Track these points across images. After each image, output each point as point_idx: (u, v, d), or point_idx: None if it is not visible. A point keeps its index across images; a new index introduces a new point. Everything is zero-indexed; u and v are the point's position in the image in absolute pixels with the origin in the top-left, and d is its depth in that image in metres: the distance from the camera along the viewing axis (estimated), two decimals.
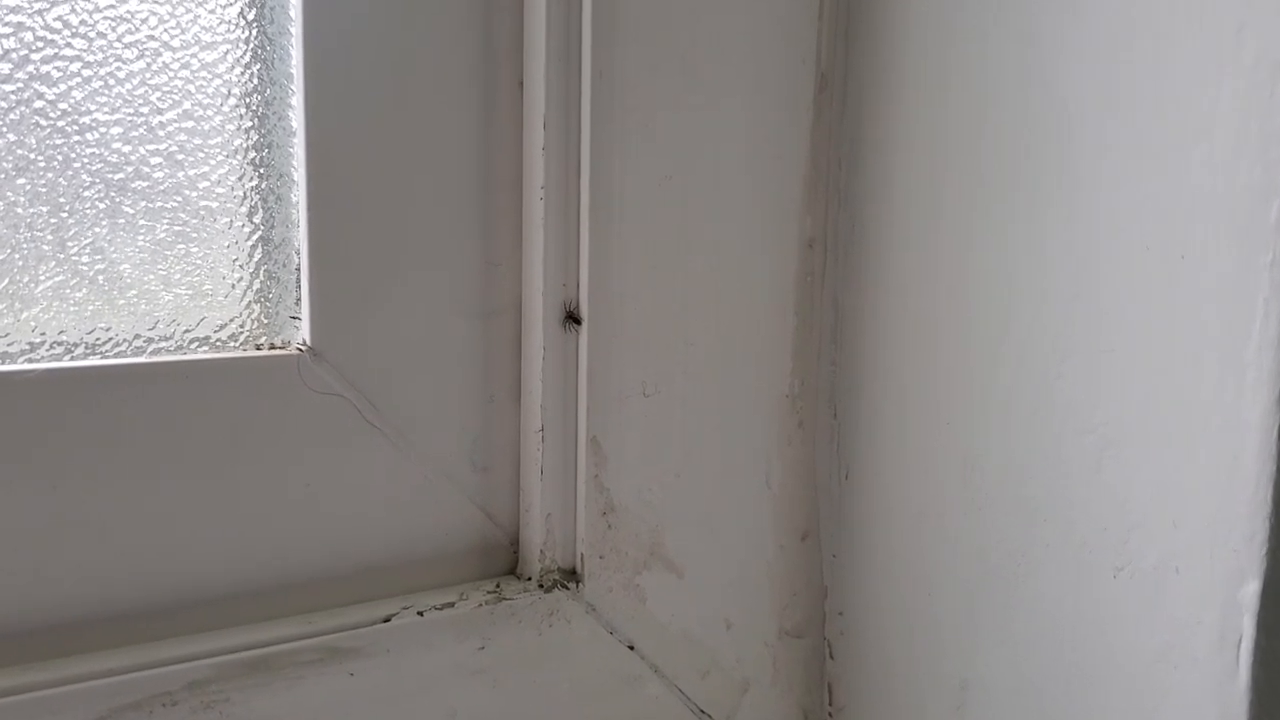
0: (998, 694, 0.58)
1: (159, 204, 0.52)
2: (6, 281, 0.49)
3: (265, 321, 0.55)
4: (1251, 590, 0.46)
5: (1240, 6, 0.46)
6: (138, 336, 0.52)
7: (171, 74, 0.51)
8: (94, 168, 0.50)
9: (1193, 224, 0.48)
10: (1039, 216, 0.54)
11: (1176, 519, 0.49)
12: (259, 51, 0.53)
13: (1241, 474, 0.46)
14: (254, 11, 0.53)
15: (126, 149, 0.51)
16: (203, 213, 0.53)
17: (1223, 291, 0.47)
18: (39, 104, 0.49)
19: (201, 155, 0.53)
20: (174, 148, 0.52)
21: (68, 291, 0.50)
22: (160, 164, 0.52)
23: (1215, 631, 0.48)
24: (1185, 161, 0.48)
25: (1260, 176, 0.45)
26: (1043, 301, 0.54)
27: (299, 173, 0.54)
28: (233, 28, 0.53)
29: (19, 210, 0.49)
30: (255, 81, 0.53)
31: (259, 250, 0.55)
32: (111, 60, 0.50)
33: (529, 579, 0.61)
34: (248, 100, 0.53)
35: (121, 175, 0.51)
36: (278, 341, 0.55)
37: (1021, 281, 0.55)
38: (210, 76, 0.52)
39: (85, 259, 0.50)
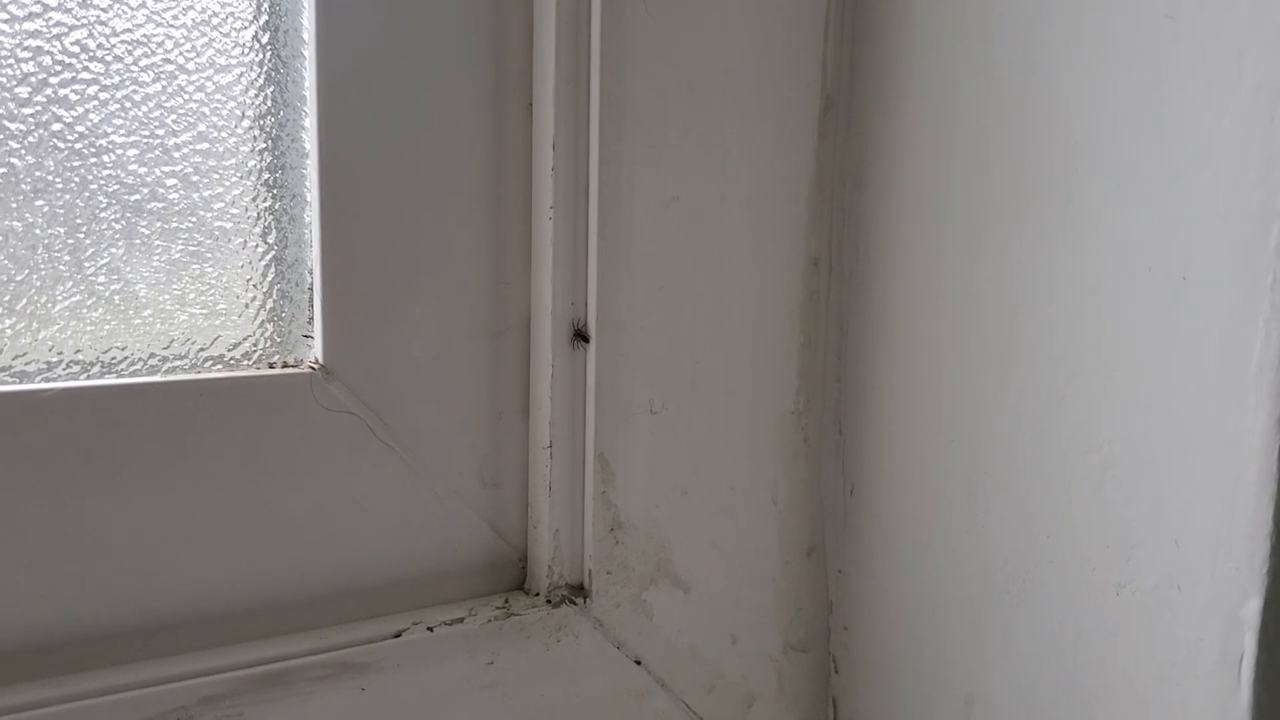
0: (1002, 709, 0.58)
1: (174, 225, 0.53)
2: (24, 301, 0.49)
3: (278, 340, 0.56)
4: (1253, 608, 0.47)
5: (1241, 33, 0.46)
6: (153, 355, 0.53)
7: (187, 97, 0.52)
8: (110, 189, 0.51)
9: (1194, 246, 0.48)
10: (1043, 237, 0.55)
11: (1178, 537, 0.50)
12: (273, 74, 0.54)
13: (1243, 494, 0.47)
14: (268, 35, 0.54)
15: (142, 171, 0.51)
16: (217, 233, 0.54)
17: (1224, 313, 0.47)
18: (57, 127, 0.49)
19: (216, 176, 0.53)
20: (189, 169, 0.53)
21: (84, 311, 0.51)
22: (176, 185, 0.52)
23: (1217, 648, 0.48)
24: (1187, 185, 0.49)
25: (1261, 200, 0.46)
26: (1047, 321, 0.55)
27: (312, 193, 0.55)
28: (247, 51, 0.53)
29: (37, 231, 0.49)
30: (269, 104, 0.54)
31: (272, 270, 0.55)
32: (128, 83, 0.51)
33: (537, 594, 0.61)
34: (262, 122, 0.54)
35: (138, 196, 0.52)
36: (290, 360, 0.56)
37: (1026, 301, 0.56)
38: (225, 99, 0.53)
39: (102, 279, 0.51)
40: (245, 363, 0.55)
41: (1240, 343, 0.47)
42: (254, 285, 0.55)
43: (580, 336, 0.60)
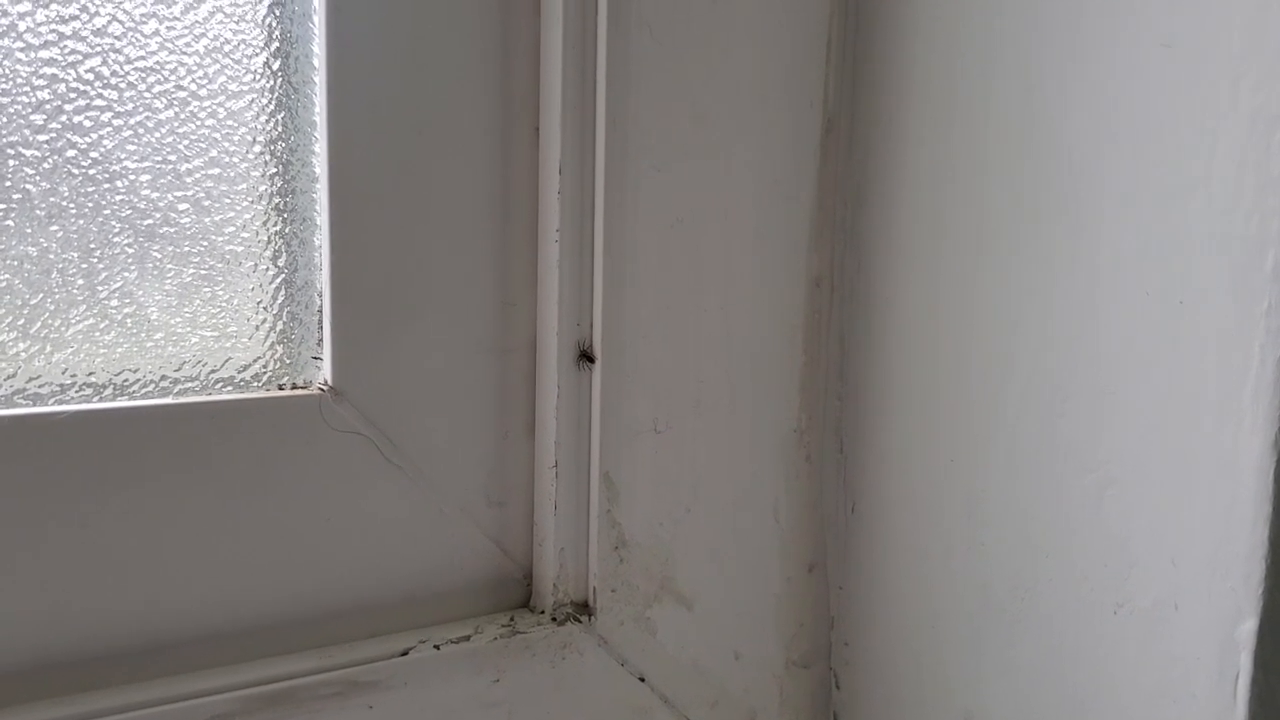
0: None
1: (186, 249, 0.53)
2: (39, 325, 0.50)
3: (288, 362, 0.57)
4: (1249, 628, 0.47)
5: (1238, 60, 0.47)
6: (164, 378, 0.53)
7: (199, 123, 0.53)
8: (123, 214, 0.52)
9: (1191, 271, 0.49)
10: (1041, 259, 0.56)
11: (1175, 557, 0.50)
12: (284, 100, 0.55)
13: (1239, 515, 0.48)
14: (279, 62, 0.54)
15: (155, 196, 0.52)
16: (228, 257, 0.54)
17: (1220, 337, 0.48)
18: (71, 153, 0.50)
19: (227, 201, 0.54)
20: (201, 194, 0.53)
21: (97, 334, 0.52)
22: (187, 210, 0.53)
23: (1213, 668, 0.49)
24: (1184, 209, 0.49)
25: (1257, 225, 0.47)
26: (1045, 342, 0.56)
27: (322, 217, 0.55)
28: (258, 77, 0.54)
29: (51, 256, 0.50)
30: (280, 129, 0.55)
31: (282, 292, 0.56)
32: (141, 110, 0.51)
33: (542, 612, 0.62)
34: (272, 147, 0.55)
35: (150, 221, 0.52)
36: (300, 381, 0.57)
37: (1024, 322, 0.57)
38: (237, 125, 0.54)
39: (115, 303, 0.52)
40: (255, 384, 0.56)
41: (1236, 366, 0.47)
42: (264, 308, 0.56)
43: (585, 356, 0.60)
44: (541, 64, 0.59)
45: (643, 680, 0.63)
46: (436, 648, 0.57)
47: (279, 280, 0.56)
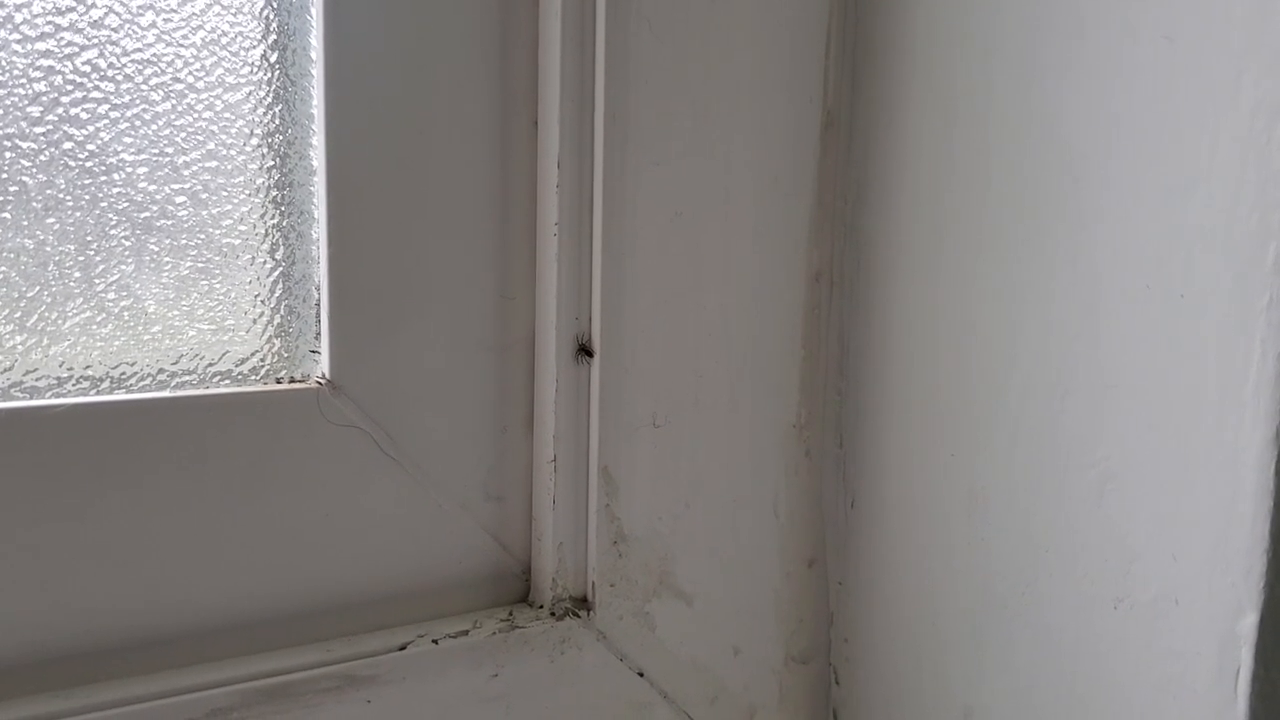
0: None
1: (183, 241, 0.53)
2: (35, 318, 0.50)
3: (286, 355, 0.56)
4: (1249, 623, 0.47)
5: (1239, 54, 0.47)
6: (162, 371, 0.53)
7: (196, 115, 0.53)
8: (120, 207, 0.51)
9: (1192, 265, 0.49)
10: (1042, 253, 0.55)
11: (1176, 552, 0.50)
12: (281, 93, 0.55)
13: (1239, 509, 0.47)
14: (276, 54, 0.54)
15: (152, 188, 0.52)
16: (225, 250, 0.54)
17: (1221, 331, 0.48)
18: (68, 145, 0.50)
19: (225, 194, 0.54)
20: (198, 187, 0.53)
21: (94, 327, 0.51)
22: (185, 203, 0.53)
23: (1214, 663, 0.49)
24: (1185, 203, 0.49)
25: (1258, 219, 0.46)
26: (1046, 337, 0.55)
27: (320, 210, 0.55)
28: (256, 70, 0.54)
29: (48, 249, 0.50)
30: (277, 122, 0.55)
31: (280, 286, 0.56)
32: (138, 102, 0.51)
33: (541, 607, 0.62)
34: (270, 140, 0.55)
35: (147, 214, 0.52)
36: (298, 375, 0.57)
37: (1025, 316, 0.56)
38: (234, 117, 0.54)
39: (112, 296, 0.52)
40: (253, 378, 0.56)
41: (1237, 360, 0.47)
42: (262, 301, 0.56)
43: (584, 351, 0.60)
44: (540, 57, 0.59)
45: (642, 675, 0.63)
46: (435, 642, 0.57)
47: (277, 273, 0.56)
